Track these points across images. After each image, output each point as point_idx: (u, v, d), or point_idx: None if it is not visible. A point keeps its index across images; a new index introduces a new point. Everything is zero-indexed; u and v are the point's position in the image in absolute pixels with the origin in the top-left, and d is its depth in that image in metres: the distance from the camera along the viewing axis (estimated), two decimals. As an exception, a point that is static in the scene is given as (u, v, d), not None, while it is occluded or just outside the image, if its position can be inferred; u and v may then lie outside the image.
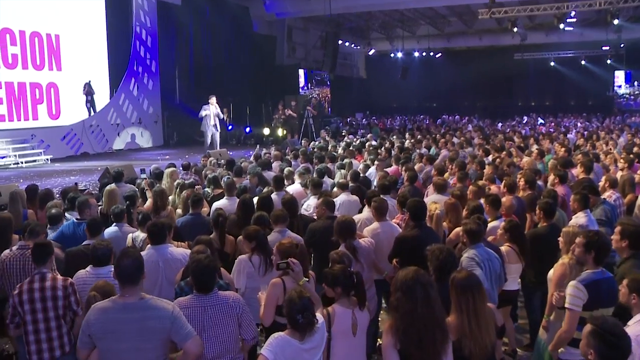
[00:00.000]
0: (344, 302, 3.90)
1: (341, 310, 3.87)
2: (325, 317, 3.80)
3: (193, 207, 6.57)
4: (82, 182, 11.94)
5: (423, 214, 5.34)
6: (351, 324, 3.86)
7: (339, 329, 3.83)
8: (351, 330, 3.86)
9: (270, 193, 7.36)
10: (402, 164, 9.94)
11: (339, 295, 3.91)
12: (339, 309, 3.87)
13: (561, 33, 31.33)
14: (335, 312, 3.85)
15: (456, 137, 17.94)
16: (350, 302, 3.92)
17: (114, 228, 6.42)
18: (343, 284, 3.88)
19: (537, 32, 31.97)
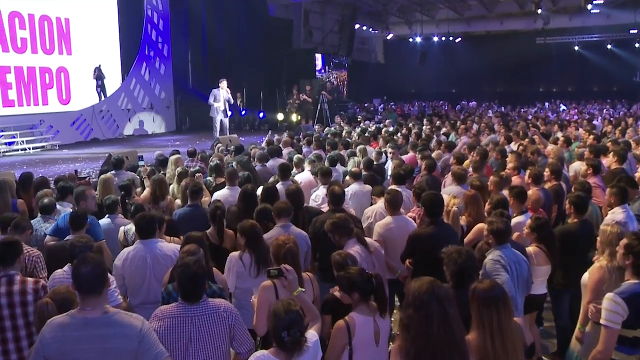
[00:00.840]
0: (363, 309, 3.46)
1: (361, 318, 3.42)
2: (344, 328, 3.36)
3: (192, 198, 6.09)
4: (86, 169, 11.54)
5: (439, 209, 4.80)
6: (373, 332, 3.43)
7: (360, 340, 3.39)
8: (373, 339, 3.43)
9: (275, 183, 6.86)
10: (420, 151, 9.35)
11: (357, 302, 3.46)
12: (359, 317, 3.42)
13: (586, 16, 30.44)
14: (355, 322, 3.40)
15: (476, 123, 17.26)
16: (370, 309, 3.47)
17: (107, 220, 5.99)
18: (361, 289, 3.42)
19: (560, 15, 30.94)
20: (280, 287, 3.68)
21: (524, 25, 33.22)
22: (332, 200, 5.47)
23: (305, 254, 5.07)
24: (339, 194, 5.47)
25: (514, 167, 7.46)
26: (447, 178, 8.07)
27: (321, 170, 6.99)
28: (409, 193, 6.56)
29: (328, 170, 7.01)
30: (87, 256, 2.99)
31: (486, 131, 14.29)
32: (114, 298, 4.13)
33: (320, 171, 6.99)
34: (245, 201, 5.87)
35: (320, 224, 5.29)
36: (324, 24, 30.68)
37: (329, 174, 6.97)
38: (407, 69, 37.50)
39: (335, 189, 5.52)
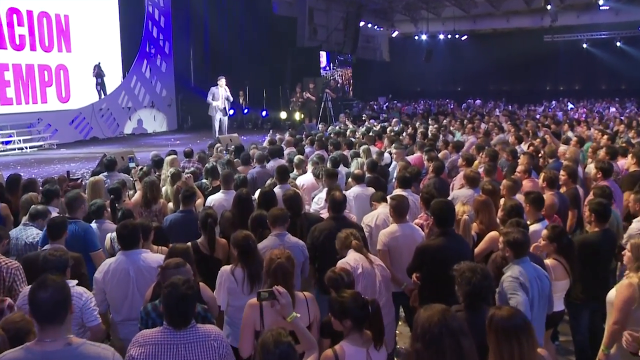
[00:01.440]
0: (355, 338, 3.07)
1: (352, 350, 3.03)
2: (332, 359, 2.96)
3: (184, 203, 5.71)
4: (81, 169, 11.21)
5: (451, 219, 4.40)
6: None
7: (350, 375, 2.98)
8: (364, 375, 3.01)
9: (273, 186, 6.47)
10: (426, 152, 8.95)
11: (349, 330, 3.07)
12: (349, 348, 3.04)
13: (594, 14, 30.09)
14: (345, 353, 3.01)
15: (484, 122, 16.82)
16: (364, 339, 3.07)
17: (93, 225, 5.62)
18: (354, 316, 3.03)
19: (568, 12, 30.46)
20: (266, 307, 3.30)
21: (531, 22, 32.86)
22: (333, 206, 5.08)
23: (302, 264, 4.69)
24: (339, 201, 5.07)
25: (525, 170, 7.04)
26: (456, 180, 7.68)
27: (326, 172, 6.60)
28: (415, 197, 6.18)
29: (334, 172, 6.62)
30: (47, 279, 2.59)
31: (494, 130, 13.85)
32: (92, 318, 3.78)
33: (326, 173, 6.59)
34: (239, 207, 5.49)
35: (320, 233, 4.92)
36: (328, 21, 30.29)
37: (334, 176, 6.58)
38: (413, 67, 37.10)
39: (336, 194, 5.13)
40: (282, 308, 3.14)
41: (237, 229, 5.14)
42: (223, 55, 22.75)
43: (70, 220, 5.11)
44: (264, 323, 3.31)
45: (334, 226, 4.90)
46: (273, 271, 3.42)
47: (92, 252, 5.06)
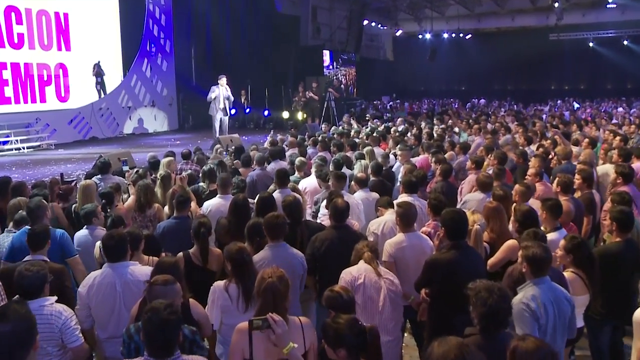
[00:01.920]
0: None
1: None
2: None
3: (178, 209, 5.40)
4: (77, 171, 10.91)
5: (464, 231, 4.07)
6: None
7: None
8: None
9: (273, 191, 6.17)
10: (433, 153, 8.62)
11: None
12: None
13: (600, 12, 29.80)
14: None
15: (490, 122, 16.47)
16: None
17: (84, 232, 5.37)
18: (349, 345, 2.71)
19: (574, 11, 30.08)
20: (256, 334, 2.99)
21: (536, 21, 32.50)
22: (334, 215, 4.75)
23: (301, 278, 4.39)
24: (341, 209, 4.75)
25: (537, 173, 6.71)
26: (465, 184, 7.36)
27: (335, 174, 6.28)
28: (422, 203, 5.86)
29: (342, 175, 6.30)
30: (8, 310, 2.28)
31: (501, 131, 13.51)
32: (74, 338, 3.48)
33: (334, 175, 6.27)
34: (236, 213, 5.19)
35: (321, 243, 4.61)
36: (331, 20, 30.02)
37: (342, 179, 6.28)
38: (417, 67, 36.94)
39: (338, 202, 4.80)
40: (278, 339, 2.83)
41: (233, 238, 4.87)
42: (225, 53, 22.46)
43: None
44: (253, 352, 2.99)
45: (336, 236, 4.60)
46: (263, 292, 3.10)
47: (69, 258, 4.78)
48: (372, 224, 5.34)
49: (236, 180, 6.52)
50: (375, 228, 5.22)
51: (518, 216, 4.68)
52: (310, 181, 7.41)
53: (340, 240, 4.56)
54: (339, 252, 4.48)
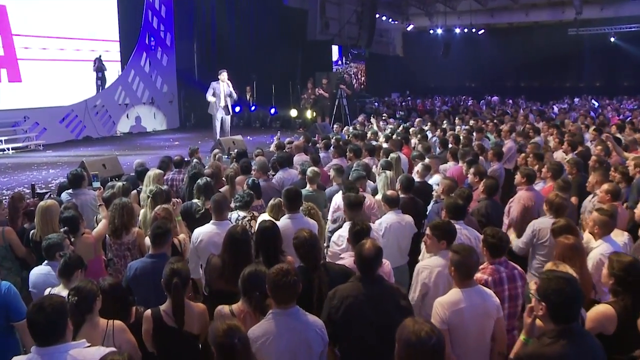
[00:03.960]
0: None
1: None
2: None
3: (155, 245, 4.11)
4: (60, 177, 9.64)
5: (577, 311, 2.70)
6: None
7: None
8: None
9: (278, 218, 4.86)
10: (469, 163, 7.31)
11: None
12: None
13: (618, 7, 28.70)
14: None
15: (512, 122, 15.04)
16: None
17: (44, 269, 4.24)
18: None
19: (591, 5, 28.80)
20: None
21: (551, 16, 31.67)
22: (361, 264, 3.40)
23: (320, 354, 3.09)
24: (370, 257, 3.36)
25: (614, 192, 5.38)
26: (514, 203, 6.03)
27: (348, 201, 4.92)
28: (473, 234, 4.57)
29: (357, 201, 4.93)
30: None
31: (530, 132, 12.14)
32: None
33: (347, 203, 4.93)
34: (232, 251, 3.89)
35: (341, 301, 3.30)
36: (340, 15, 28.87)
37: (357, 207, 4.91)
38: (427, 63, 35.97)
39: (366, 247, 3.37)
40: None
41: (229, 284, 3.63)
42: (229, 48, 21.17)
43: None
44: None
45: (362, 293, 3.29)
46: None
47: (16, 322, 3.53)
48: (419, 270, 4.00)
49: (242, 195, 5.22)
50: (425, 277, 3.90)
51: (616, 269, 3.34)
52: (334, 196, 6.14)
53: (369, 300, 3.27)
54: (366, 316, 3.22)
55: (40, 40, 15.30)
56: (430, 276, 3.87)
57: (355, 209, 4.87)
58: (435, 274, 3.85)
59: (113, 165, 8.98)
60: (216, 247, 4.50)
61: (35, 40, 15.13)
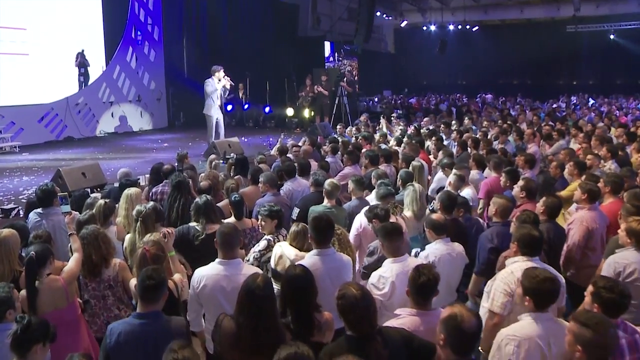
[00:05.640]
0: None
1: None
2: None
3: (143, 300, 3.04)
4: (34, 187, 8.46)
5: None
6: None
7: None
8: None
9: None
10: (509, 173, 6.29)
11: None
12: None
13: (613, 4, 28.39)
14: None
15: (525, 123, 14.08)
16: None
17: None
18: None
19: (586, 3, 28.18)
20: None
21: (545, 13, 31.18)
22: (460, 346, 2.40)
23: None
24: (472, 336, 2.38)
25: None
26: (575, 225, 5.04)
27: (384, 231, 3.85)
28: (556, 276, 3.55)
29: (396, 230, 3.86)
30: None
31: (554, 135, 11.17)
32: None
33: (383, 233, 3.84)
34: (250, 313, 2.82)
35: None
36: (332, 11, 27.92)
37: (397, 236, 3.84)
38: (419, 60, 35.74)
39: (465, 321, 2.38)
40: None
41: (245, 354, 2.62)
42: (220, 43, 20.00)
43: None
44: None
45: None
46: None
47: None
48: (502, 342, 2.94)
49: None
50: (512, 353, 2.85)
51: None
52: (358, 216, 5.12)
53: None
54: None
55: (17, 33, 14.05)
56: (518, 353, 2.82)
57: (396, 240, 3.84)
58: (526, 351, 2.81)
59: (94, 174, 7.84)
60: (225, 294, 3.46)
61: (10, 32, 13.88)
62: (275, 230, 4.68)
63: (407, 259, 3.83)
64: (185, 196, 5.64)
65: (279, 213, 4.68)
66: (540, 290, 2.92)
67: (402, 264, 3.75)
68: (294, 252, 4.04)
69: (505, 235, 4.64)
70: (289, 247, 4.10)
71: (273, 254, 4.21)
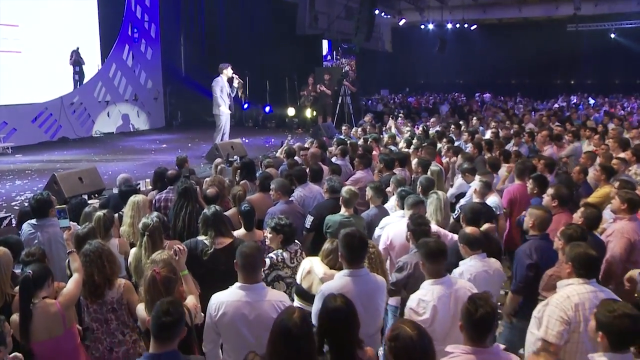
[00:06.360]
0: None
1: None
2: None
3: (159, 340, 2.61)
4: (27, 192, 8.03)
5: None
6: None
7: None
8: None
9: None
10: (537, 179, 5.90)
11: None
12: None
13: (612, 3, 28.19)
14: None
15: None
16: None
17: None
18: None
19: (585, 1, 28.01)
20: None
21: (544, 12, 31.00)
22: None
23: None
24: None
25: None
26: (615, 237, 4.65)
27: (427, 250, 3.44)
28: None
29: (441, 249, 3.46)
30: None
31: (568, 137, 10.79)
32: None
33: (426, 251, 3.45)
34: (286, 355, 2.40)
35: None
36: (329, 9, 27.54)
37: (442, 257, 3.45)
38: (417, 59, 35.72)
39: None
40: None
41: None
42: (219, 40, 19.62)
43: None
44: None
45: None
46: None
47: None
48: None
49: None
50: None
51: None
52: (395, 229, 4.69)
53: None
54: None
55: (9, 29, 13.58)
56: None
57: (440, 263, 3.44)
58: None
59: (92, 179, 7.41)
60: (246, 323, 3.05)
61: (2, 29, 13.40)
62: (282, 246, 4.28)
63: (449, 280, 3.44)
64: (192, 204, 5.22)
65: (286, 228, 4.25)
66: (617, 327, 2.53)
67: (444, 286, 3.37)
68: (323, 269, 3.68)
69: (545, 250, 4.27)
70: (319, 264, 3.77)
71: (301, 268, 3.91)
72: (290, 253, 4.22)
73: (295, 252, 4.24)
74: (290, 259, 4.20)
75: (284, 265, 4.18)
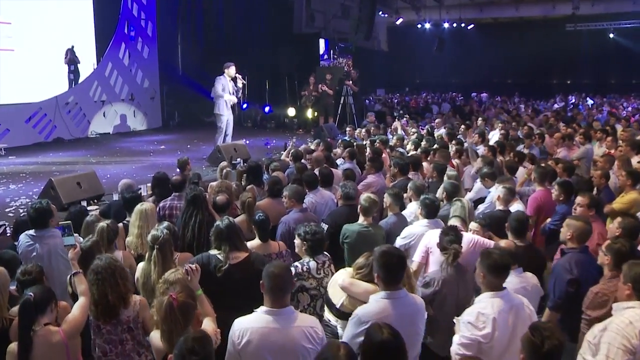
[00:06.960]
0: None
1: None
2: None
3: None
4: (22, 197, 7.67)
5: None
6: None
7: None
8: None
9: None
10: (563, 186, 5.61)
11: None
12: None
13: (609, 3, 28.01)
14: None
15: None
16: None
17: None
18: None
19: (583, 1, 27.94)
20: None
21: (541, 11, 30.89)
22: None
23: None
24: None
25: None
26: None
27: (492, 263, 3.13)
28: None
29: (505, 263, 3.17)
30: None
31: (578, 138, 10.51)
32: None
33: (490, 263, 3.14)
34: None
35: None
36: (326, 8, 27.24)
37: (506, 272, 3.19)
38: (413, 58, 35.55)
39: None
40: None
41: None
42: (216, 39, 19.25)
43: None
44: None
45: None
46: None
47: None
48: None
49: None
50: None
51: None
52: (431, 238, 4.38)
53: None
54: None
55: (1, 27, 13.19)
56: None
57: (503, 277, 3.19)
58: None
59: (90, 184, 7.05)
60: (274, 353, 2.72)
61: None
62: (311, 255, 4.02)
63: (508, 293, 3.18)
64: (202, 213, 4.89)
65: (309, 236, 3.98)
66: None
67: (503, 300, 3.12)
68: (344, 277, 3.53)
69: (586, 264, 3.99)
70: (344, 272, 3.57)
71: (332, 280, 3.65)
72: (318, 263, 3.93)
73: (323, 262, 3.97)
74: (317, 270, 3.92)
75: (309, 275, 3.90)
